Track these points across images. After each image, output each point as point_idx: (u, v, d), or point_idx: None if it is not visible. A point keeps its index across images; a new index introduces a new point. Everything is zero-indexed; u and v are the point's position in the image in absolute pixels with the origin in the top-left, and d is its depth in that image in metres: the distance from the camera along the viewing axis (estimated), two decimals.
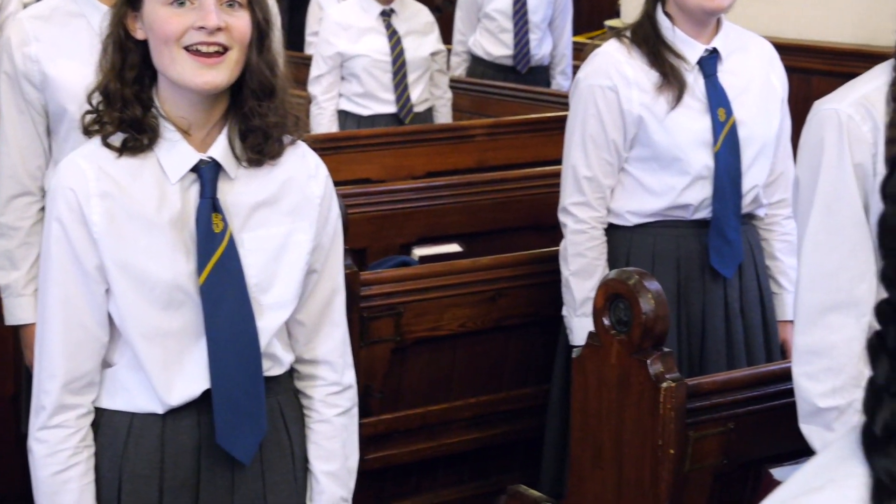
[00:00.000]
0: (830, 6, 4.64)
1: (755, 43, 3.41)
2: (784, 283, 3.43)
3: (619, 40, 3.32)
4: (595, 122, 3.27)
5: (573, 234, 3.32)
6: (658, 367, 2.57)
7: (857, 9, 4.52)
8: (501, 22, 6.76)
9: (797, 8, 4.72)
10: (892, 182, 1.25)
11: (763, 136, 3.31)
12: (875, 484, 1.17)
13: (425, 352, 3.50)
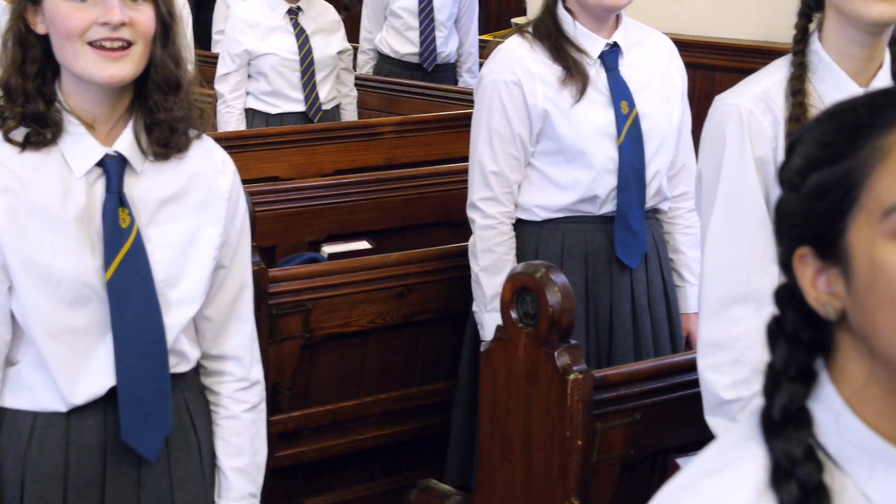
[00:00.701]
0: (732, 4, 4.70)
1: (654, 38, 3.45)
2: (687, 276, 3.48)
3: (521, 36, 3.35)
4: (500, 118, 3.29)
5: (482, 229, 3.34)
6: (565, 360, 2.59)
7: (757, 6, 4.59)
8: (408, 20, 6.77)
9: (700, 5, 4.79)
10: (787, 168, 1.28)
11: (665, 128, 3.36)
12: (773, 465, 1.20)
13: (335, 348, 3.50)
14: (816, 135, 1.26)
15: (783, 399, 1.23)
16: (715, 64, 4.67)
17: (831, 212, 1.22)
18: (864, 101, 1.25)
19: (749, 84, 2.53)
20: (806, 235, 1.24)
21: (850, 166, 1.21)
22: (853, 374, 1.22)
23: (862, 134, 1.22)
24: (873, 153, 1.20)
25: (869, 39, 2.45)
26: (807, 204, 1.24)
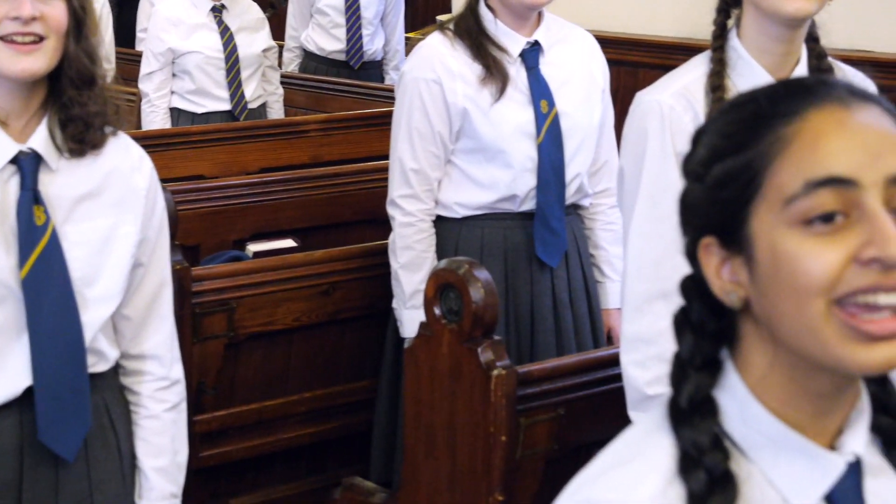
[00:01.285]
0: (655, 1, 4.73)
1: (576, 35, 3.46)
2: (608, 272, 3.49)
3: (442, 33, 3.35)
4: (420, 115, 3.29)
5: (401, 226, 3.34)
6: (489, 356, 2.59)
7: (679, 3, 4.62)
8: (334, 17, 6.74)
9: (623, 3, 4.81)
10: (691, 159, 1.29)
11: (585, 126, 3.37)
12: (681, 454, 1.21)
13: (259, 347, 3.48)
14: (720, 125, 1.27)
15: (690, 389, 1.24)
16: (638, 60, 4.70)
17: (735, 201, 1.23)
18: (765, 92, 1.26)
19: (669, 80, 2.54)
20: (710, 225, 1.25)
21: (752, 156, 1.22)
22: (757, 362, 1.24)
23: (764, 124, 1.23)
24: (775, 143, 1.22)
25: (786, 35, 2.47)
26: (711, 194, 1.25)
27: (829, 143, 1.19)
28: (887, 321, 1.16)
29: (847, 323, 1.16)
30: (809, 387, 1.21)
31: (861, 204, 1.18)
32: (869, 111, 1.22)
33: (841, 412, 1.24)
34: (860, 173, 1.18)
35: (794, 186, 1.19)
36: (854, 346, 1.16)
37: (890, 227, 1.16)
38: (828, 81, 1.25)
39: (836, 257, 1.17)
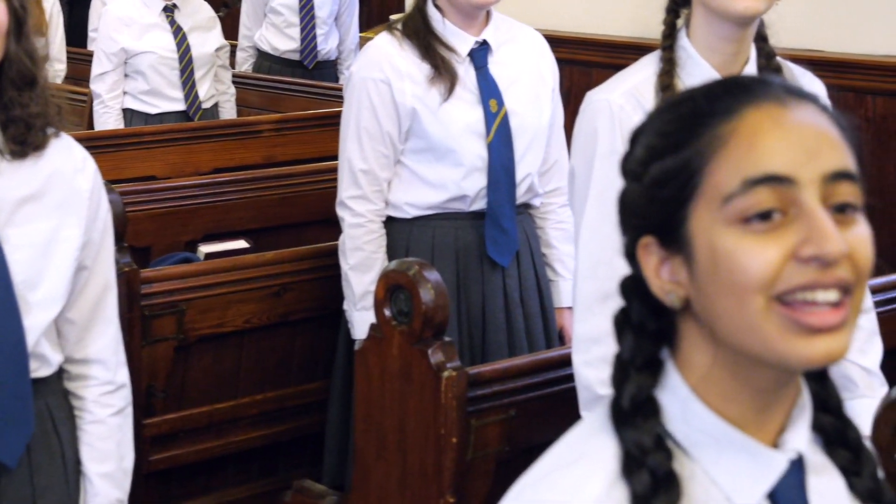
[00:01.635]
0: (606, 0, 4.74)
1: (525, 34, 3.46)
2: (560, 271, 3.49)
3: (390, 33, 3.34)
4: (369, 115, 3.28)
5: (351, 227, 3.32)
6: (439, 357, 2.58)
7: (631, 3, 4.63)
8: (287, 16, 6.72)
9: (575, 2, 4.81)
10: (629, 159, 1.29)
11: (535, 125, 3.36)
12: (624, 455, 1.20)
13: (210, 349, 3.46)
14: (657, 125, 1.27)
15: (631, 389, 1.24)
16: (591, 60, 4.70)
17: (673, 200, 1.23)
18: (702, 91, 1.26)
19: (619, 80, 2.54)
20: (649, 225, 1.25)
21: (690, 155, 1.22)
22: (698, 361, 1.23)
23: (701, 122, 1.23)
24: (712, 142, 1.21)
25: (735, 34, 2.48)
26: (649, 193, 1.25)
27: (766, 141, 1.19)
28: (827, 313, 1.16)
29: (787, 317, 1.16)
30: (751, 383, 1.21)
31: (798, 201, 1.18)
32: (805, 109, 1.22)
33: (782, 409, 1.23)
34: (797, 171, 1.18)
35: (732, 185, 1.19)
36: (795, 340, 1.16)
37: (827, 225, 1.16)
38: (764, 80, 1.25)
39: (774, 255, 1.17)
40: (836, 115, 1.24)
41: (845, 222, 1.19)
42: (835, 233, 1.16)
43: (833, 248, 1.15)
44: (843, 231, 1.18)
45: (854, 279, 1.17)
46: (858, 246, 1.18)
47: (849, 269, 1.17)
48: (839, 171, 1.19)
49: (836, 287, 1.16)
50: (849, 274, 1.17)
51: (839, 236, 1.16)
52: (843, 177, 1.19)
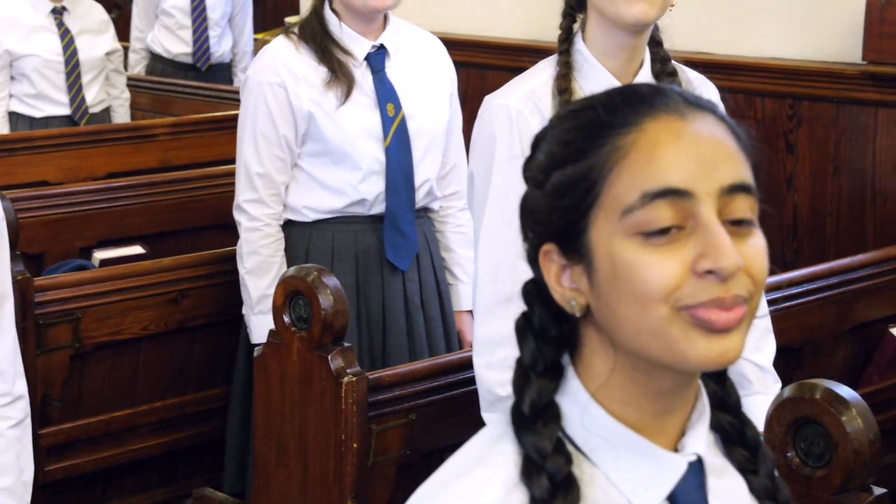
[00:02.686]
0: (499, 2, 4.76)
1: (422, 38, 3.47)
2: (459, 274, 3.51)
3: (287, 37, 3.33)
4: (265, 119, 3.27)
5: (247, 231, 3.31)
6: (339, 363, 2.58)
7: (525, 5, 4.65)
8: (179, 18, 6.65)
9: (470, 4, 4.83)
10: (531, 165, 1.30)
11: (432, 129, 3.38)
12: (524, 460, 1.22)
13: (107, 357, 3.42)
14: (558, 132, 1.28)
15: (532, 394, 1.25)
16: (486, 62, 4.72)
17: (573, 209, 1.24)
18: (602, 100, 1.27)
19: (517, 84, 2.56)
20: (550, 232, 1.26)
21: (590, 165, 1.23)
22: (598, 367, 1.25)
23: (601, 133, 1.24)
24: (612, 153, 1.23)
25: (630, 40, 2.51)
26: (550, 201, 1.26)
27: (665, 154, 1.21)
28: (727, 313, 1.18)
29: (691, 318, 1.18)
30: (650, 386, 1.23)
31: (696, 215, 1.20)
32: (704, 121, 1.24)
33: (682, 412, 1.26)
34: (695, 185, 1.20)
35: (631, 197, 1.20)
36: (697, 340, 1.18)
37: (723, 239, 1.19)
38: (663, 90, 1.26)
39: (673, 268, 1.19)
40: (734, 126, 1.26)
41: (741, 235, 1.21)
42: (730, 247, 1.18)
43: (728, 263, 1.17)
44: (739, 244, 1.20)
45: (751, 292, 1.20)
46: (754, 258, 1.21)
47: (745, 282, 1.20)
48: (735, 184, 1.21)
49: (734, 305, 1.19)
50: (745, 289, 1.19)
51: (734, 251, 1.18)
52: (739, 189, 1.22)
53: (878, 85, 3.91)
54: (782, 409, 1.98)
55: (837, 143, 4.02)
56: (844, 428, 1.92)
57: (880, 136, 3.94)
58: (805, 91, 4.07)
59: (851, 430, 1.91)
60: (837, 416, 1.93)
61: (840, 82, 3.98)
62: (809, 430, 1.95)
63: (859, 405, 1.94)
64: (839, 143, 4.02)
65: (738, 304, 1.19)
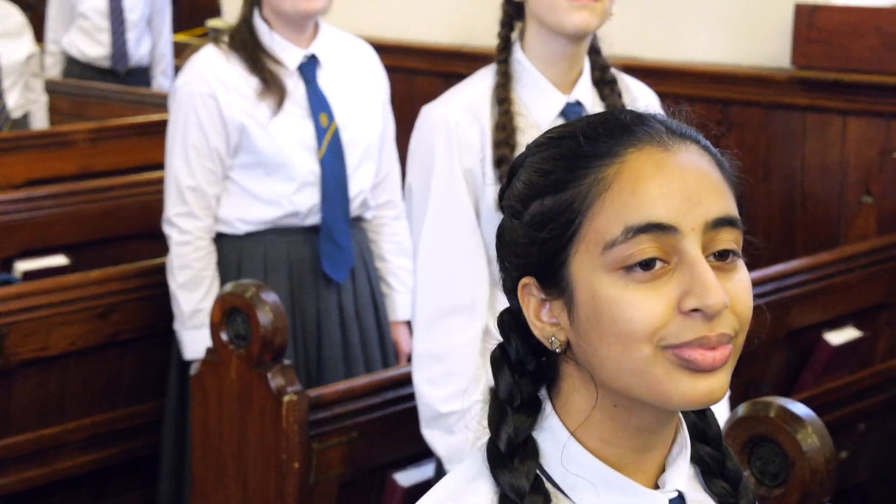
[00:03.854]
0: (427, 6, 4.72)
1: (354, 46, 3.42)
2: (394, 284, 3.47)
3: (216, 46, 3.26)
4: (196, 131, 3.20)
5: (178, 245, 3.24)
6: (279, 381, 2.53)
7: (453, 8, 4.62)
8: (97, 21, 6.53)
9: (397, 8, 4.79)
10: (508, 194, 1.26)
11: (366, 139, 3.33)
12: (500, 499, 1.18)
13: (34, 373, 3.33)
14: (536, 160, 1.25)
15: (508, 430, 1.22)
16: (414, 67, 4.68)
17: (553, 242, 1.20)
18: (583, 129, 1.24)
19: (456, 94, 2.54)
20: (529, 265, 1.23)
21: (571, 196, 1.20)
22: (578, 403, 1.22)
23: (583, 164, 1.21)
24: (594, 185, 1.19)
25: (570, 48, 2.50)
26: (529, 233, 1.22)
27: (649, 187, 1.18)
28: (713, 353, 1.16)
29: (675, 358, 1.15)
30: (631, 423, 1.20)
31: (681, 251, 1.17)
32: (688, 151, 1.21)
33: (662, 447, 1.23)
34: (680, 219, 1.17)
35: (614, 231, 1.17)
36: (680, 379, 1.16)
37: (708, 277, 1.16)
38: (646, 119, 1.23)
39: (657, 306, 1.15)
40: (717, 156, 1.24)
41: (725, 269, 1.19)
42: (716, 285, 1.15)
43: (715, 302, 1.15)
44: (724, 279, 1.17)
45: (736, 330, 1.18)
46: (739, 295, 1.18)
47: (731, 320, 1.17)
48: (720, 217, 1.19)
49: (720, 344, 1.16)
50: (731, 327, 1.17)
51: (720, 289, 1.15)
52: (724, 223, 1.19)
53: (806, 89, 3.93)
54: (737, 427, 1.96)
55: (767, 148, 4.04)
56: (800, 446, 1.90)
57: (809, 140, 3.96)
58: (735, 96, 4.08)
59: (807, 449, 1.90)
60: (793, 435, 1.91)
61: (769, 87, 4.00)
62: (765, 448, 1.94)
63: (815, 423, 1.93)
64: (769, 147, 4.03)
65: (723, 343, 1.17)
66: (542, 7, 2.45)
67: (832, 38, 3.85)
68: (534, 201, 1.23)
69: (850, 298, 3.56)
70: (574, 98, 2.53)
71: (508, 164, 2.43)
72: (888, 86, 3.79)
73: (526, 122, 2.49)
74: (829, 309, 3.51)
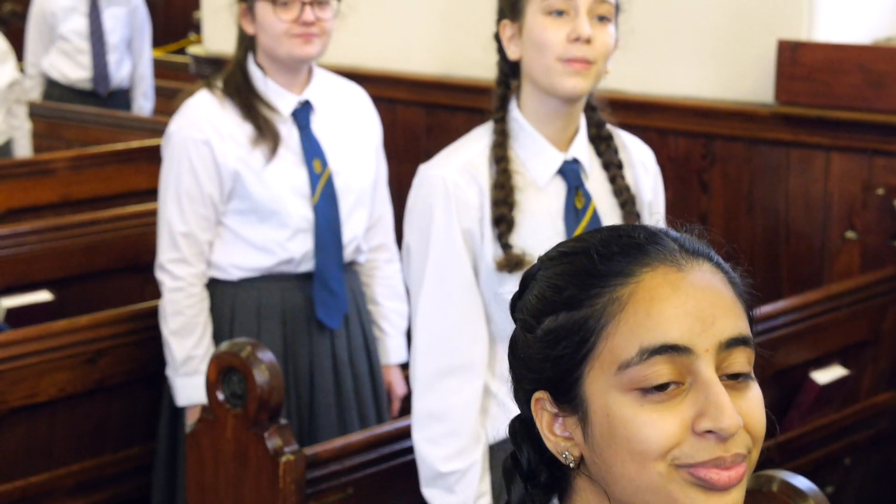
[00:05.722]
0: (410, 36, 4.72)
1: (347, 91, 3.42)
2: (386, 328, 3.47)
3: (210, 91, 3.25)
4: (189, 177, 3.19)
5: (171, 292, 3.23)
6: (276, 441, 2.53)
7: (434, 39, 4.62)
8: (78, 43, 6.50)
9: (380, 38, 4.78)
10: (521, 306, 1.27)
11: (360, 185, 3.33)
12: None
13: (22, 420, 3.31)
14: (550, 275, 1.26)
15: None
16: (396, 97, 4.68)
17: (567, 360, 1.22)
18: (597, 247, 1.25)
19: (453, 154, 2.55)
20: (542, 380, 1.24)
21: (585, 315, 1.21)
22: None
23: (597, 283, 1.22)
24: (610, 304, 1.21)
25: (565, 109, 2.51)
26: (542, 349, 1.24)
27: (663, 309, 1.19)
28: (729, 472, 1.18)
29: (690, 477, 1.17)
30: None
31: (695, 372, 1.18)
32: (701, 270, 1.23)
33: None
34: (694, 341, 1.19)
35: (629, 352, 1.19)
36: (696, 496, 1.17)
37: (723, 399, 1.17)
38: (659, 238, 1.25)
39: (672, 427, 1.17)
40: (730, 273, 1.26)
41: (738, 388, 1.20)
42: (730, 407, 1.17)
43: (729, 424, 1.16)
44: (737, 398, 1.19)
45: (750, 448, 1.19)
46: (752, 413, 1.20)
47: (745, 439, 1.19)
48: (734, 338, 1.20)
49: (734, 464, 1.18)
50: (745, 446, 1.19)
51: (734, 410, 1.17)
52: (738, 343, 1.21)
53: (790, 125, 3.94)
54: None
55: (751, 182, 4.05)
56: None
57: (793, 176, 3.98)
58: (718, 130, 4.10)
59: None
60: None
61: (753, 122, 4.01)
62: None
63: (818, 496, 1.95)
64: (752, 182, 4.05)
65: (737, 463, 1.18)
66: (537, 69, 2.46)
67: (815, 75, 3.87)
68: (547, 317, 1.24)
69: (836, 336, 3.58)
70: (571, 156, 2.54)
71: (507, 223, 2.45)
72: (871, 123, 3.81)
73: (524, 181, 2.50)
74: (816, 347, 3.53)
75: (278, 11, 3.16)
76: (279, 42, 3.17)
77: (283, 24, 3.16)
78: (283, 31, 3.17)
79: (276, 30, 3.17)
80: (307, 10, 3.16)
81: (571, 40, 2.42)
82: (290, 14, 3.16)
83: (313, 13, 3.17)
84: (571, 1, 2.43)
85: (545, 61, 2.44)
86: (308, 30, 3.17)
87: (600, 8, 2.46)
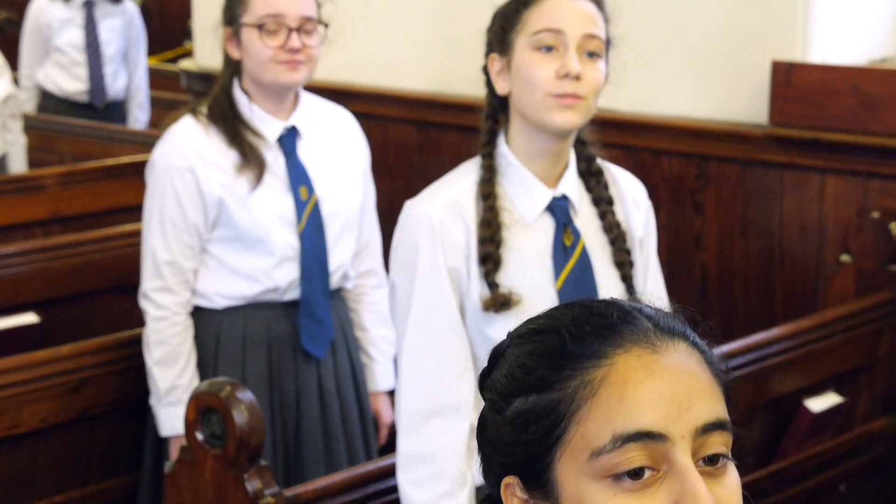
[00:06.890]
0: (401, 53, 4.68)
1: (334, 115, 3.37)
2: (374, 355, 3.43)
3: (195, 118, 3.20)
4: (173, 205, 3.15)
5: (154, 321, 3.19)
6: (256, 484, 2.48)
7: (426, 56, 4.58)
8: (73, 55, 6.46)
9: (371, 55, 4.74)
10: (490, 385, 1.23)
11: (347, 212, 3.29)
12: None
13: (4, 452, 3.26)
14: (519, 354, 1.22)
15: None
16: (388, 114, 4.64)
17: (537, 444, 1.18)
18: (569, 326, 1.20)
19: (439, 190, 2.50)
20: (512, 464, 1.20)
21: (556, 398, 1.17)
22: None
23: (569, 365, 1.18)
24: (582, 388, 1.17)
25: (555, 144, 2.47)
26: (511, 432, 1.20)
27: (637, 393, 1.15)
28: None
29: None
30: None
31: (671, 459, 1.14)
32: (676, 351, 1.19)
33: None
34: (669, 427, 1.15)
35: (602, 439, 1.14)
36: None
37: (699, 488, 1.13)
38: (633, 317, 1.21)
39: None
40: (706, 352, 1.22)
41: (716, 475, 1.17)
42: (707, 496, 1.13)
43: None
44: (713, 484, 1.15)
45: None
46: (729, 501, 1.16)
47: None
48: (711, 422, 1.16)
49: None
50: None
51: (711, 499, 1.13)
52: (715, 427, 1.17)
53: (784, 147, 3.90)
54: None
55: (745, 204, 4.01)
56: None
57: (787, 197, 3.94)
58: (712, 151, 4.05)
59: None
60: None
61: (747, 143, 3.97)
62: None
63: None
64: (746, 203, 4.01)
65: None
66: (526, 104, 2.42)
67: (809, 97, 3.82)
68: (517, 398, 1.20)
69: (830, 363, 3.54)
70: (560, 192, 2.49)
71: (493, 261, 2.41)
72: (866, 145, 3.77)
73: (511, 218, 2.46)
74: (809, 375, 3.49)
75: (264, 37, 3.12)
76: (265, 68, 3.13)
77: (269, 50, 3.12)
78: (269, 58, 3.12)
79: (262, 56, 3.13)
80: (294, 37, 3.12)
81: (561, 76, 2.38)
82: (277, 40, 3.12)
83: (300, 40, 3.13)
84: (560, 37, 2.39)
85: (534, 97, 2.40)
86: (294, 56, 3.13)
87: (590, 44, 2.42)
